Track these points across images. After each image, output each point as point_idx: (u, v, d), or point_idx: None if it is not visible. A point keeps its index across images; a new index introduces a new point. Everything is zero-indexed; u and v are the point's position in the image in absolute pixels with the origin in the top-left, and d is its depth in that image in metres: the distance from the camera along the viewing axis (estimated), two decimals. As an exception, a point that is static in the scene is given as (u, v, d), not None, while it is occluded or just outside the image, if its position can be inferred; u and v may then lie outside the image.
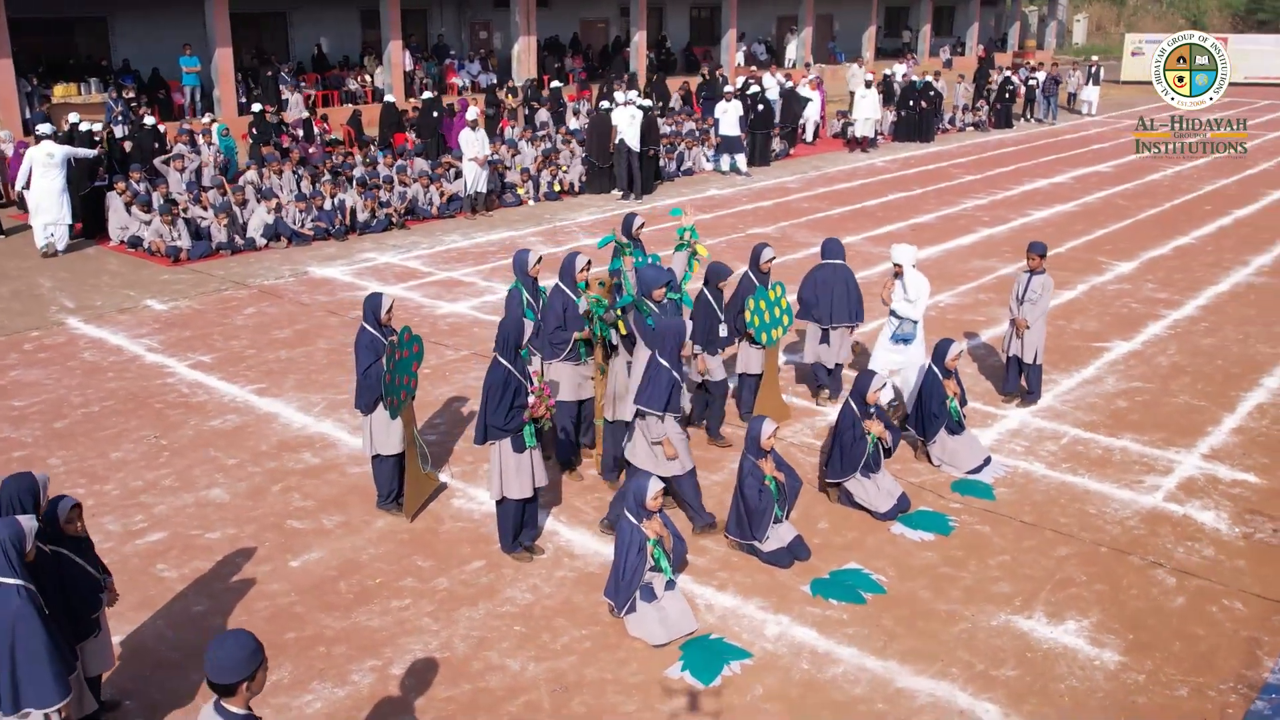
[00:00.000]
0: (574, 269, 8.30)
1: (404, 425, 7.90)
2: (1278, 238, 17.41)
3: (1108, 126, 31.16)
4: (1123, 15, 64.49)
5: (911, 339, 9.62)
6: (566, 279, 8.35)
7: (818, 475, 8.65)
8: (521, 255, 8.65)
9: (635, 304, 7.99)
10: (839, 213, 18.86)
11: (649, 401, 7.36)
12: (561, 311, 8.33)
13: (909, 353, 9.61)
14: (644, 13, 35.27)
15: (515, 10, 31.37)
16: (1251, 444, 9.64)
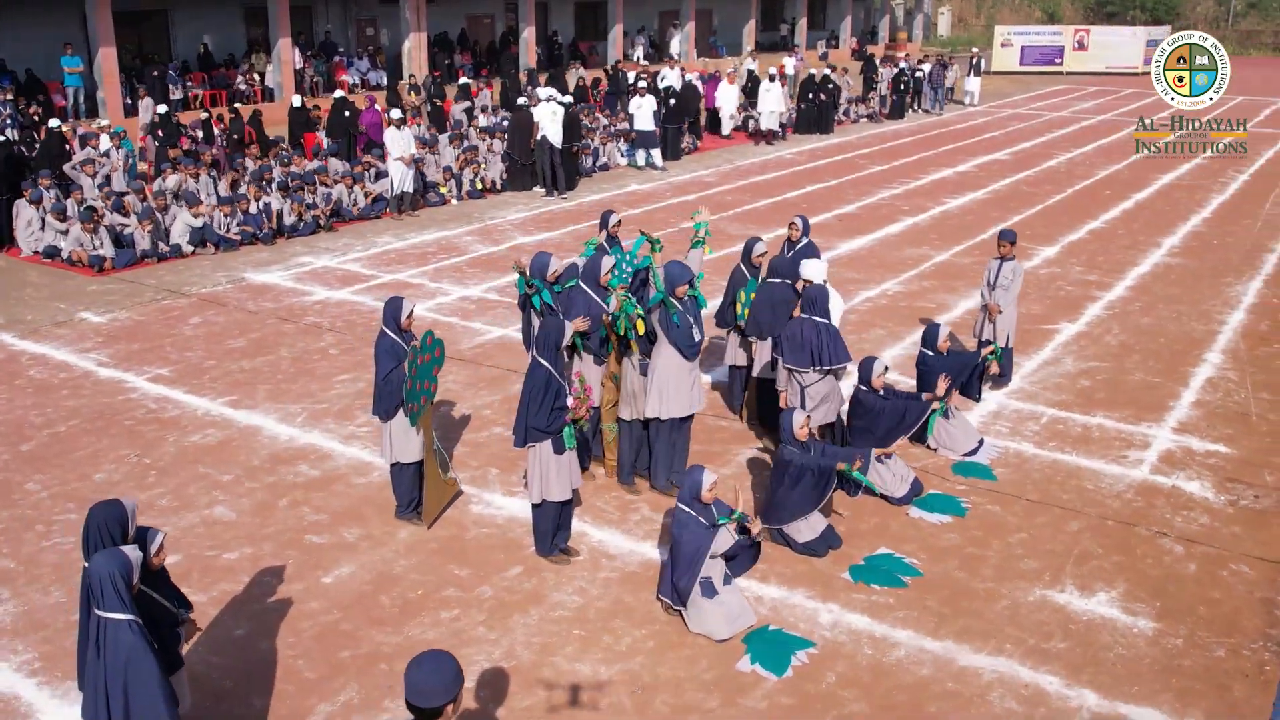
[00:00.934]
0: (599, 271, 8.24)
1: (424, 432, 7.72)
2: (1179, 220, 18.34)
3: (992, 116, 32.31)
4: (982, 8, 66.85)
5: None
6: (590, 281, 8.28)
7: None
8: (542, 259, 8.55)
9: (664, 302, 7.98)
10: (764, 205, 19.12)
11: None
12: (585, 313, 8.25)
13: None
14: (532, 8, 35.07)
15: (405, 6, 30.81)
16: (1213, 416, 10.16)
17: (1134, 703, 6.20)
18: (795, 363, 8.22)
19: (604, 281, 8.38)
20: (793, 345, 8.21)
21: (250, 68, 28.38)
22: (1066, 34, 44.30)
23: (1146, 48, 43.86)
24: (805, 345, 8.15)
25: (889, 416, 8.40)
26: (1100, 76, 43.23)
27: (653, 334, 8.13)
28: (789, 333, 8.30)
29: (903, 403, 8.43)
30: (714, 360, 10.70)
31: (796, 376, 8.32)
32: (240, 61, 29.32)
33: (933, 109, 32.08)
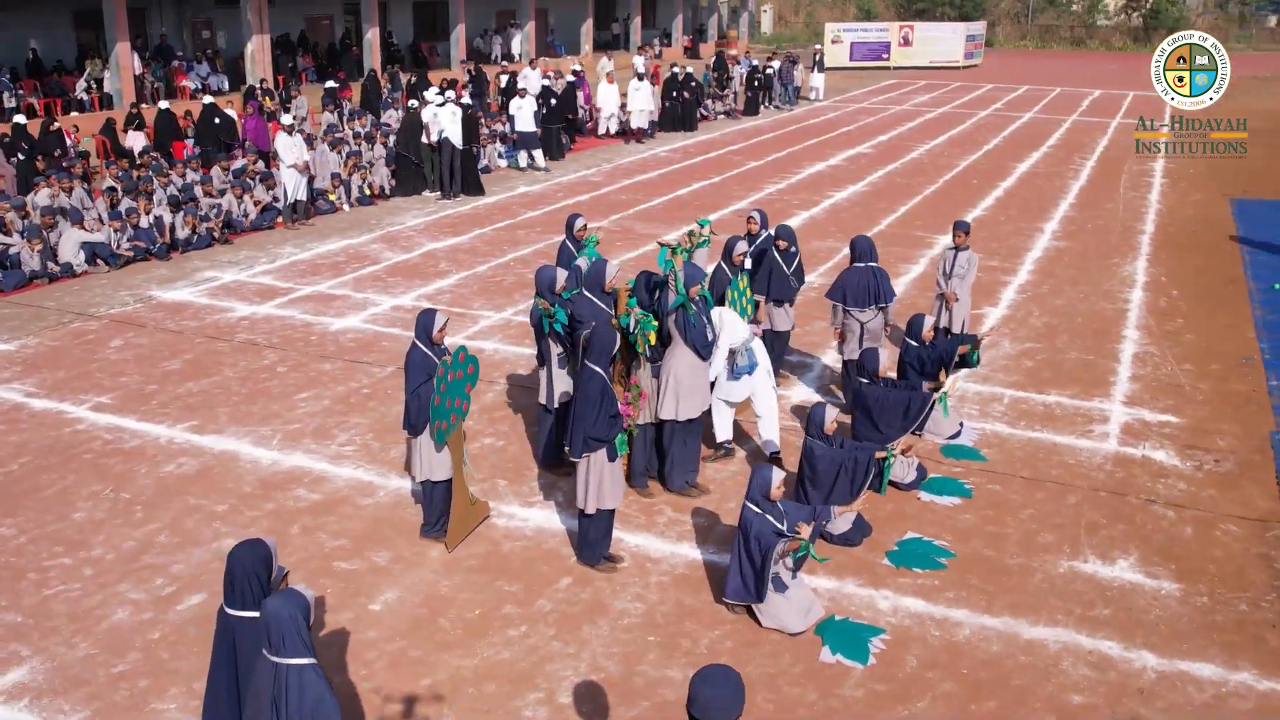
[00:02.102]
0: (604, 279, 8.17)
1: (453, 450, 7.51)
2: (1049, 205, 19.46)
3: (840, 110, 33.39)
4: (800, 6, 68.97)
5: (754, 367, 8.77)
6: (594, 288, 8.20)
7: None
8: (547, 274, 8.40)
9: (683, 304, 7.99)
10: (659, 203, 19.27)
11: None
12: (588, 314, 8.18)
13: (754, 380, 8.85)
14: (375, 8, 34.24)
15: (246, 8, 29.55)
16: (1152, 389, 10.85)
17: (1189, 659, 6.60)
18: (856, 304, 9.61)
19: (608, 288, 8.32)
20: (854, 290, 9.65)
21: (87, 73, 26.66)
22: (892, 30, 46.19)
23: (966, 42, 46.24)
24: (865, 289, 9.59)
25: (893, 408, 8.63)
26: (925, 71, 45.26)
27: (666, 338, 8.13)
28: (850, 280, 9.71)
29: (905, 394, 8.68)
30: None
31: (855, 316, 9.65)
32: (73, 68, 27.52)
33: (784, 105, 32.89)
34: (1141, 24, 60.98)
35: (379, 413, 9.95)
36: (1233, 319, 13.12)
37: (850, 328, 9.76)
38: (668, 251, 8.10)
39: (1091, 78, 44.05)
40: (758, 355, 8.85)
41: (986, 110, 33.35)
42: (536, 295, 8.43)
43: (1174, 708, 6.18)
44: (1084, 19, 63.49)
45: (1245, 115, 19.30)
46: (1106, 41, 61.70)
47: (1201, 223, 18.21)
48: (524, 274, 14.49)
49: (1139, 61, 54.85)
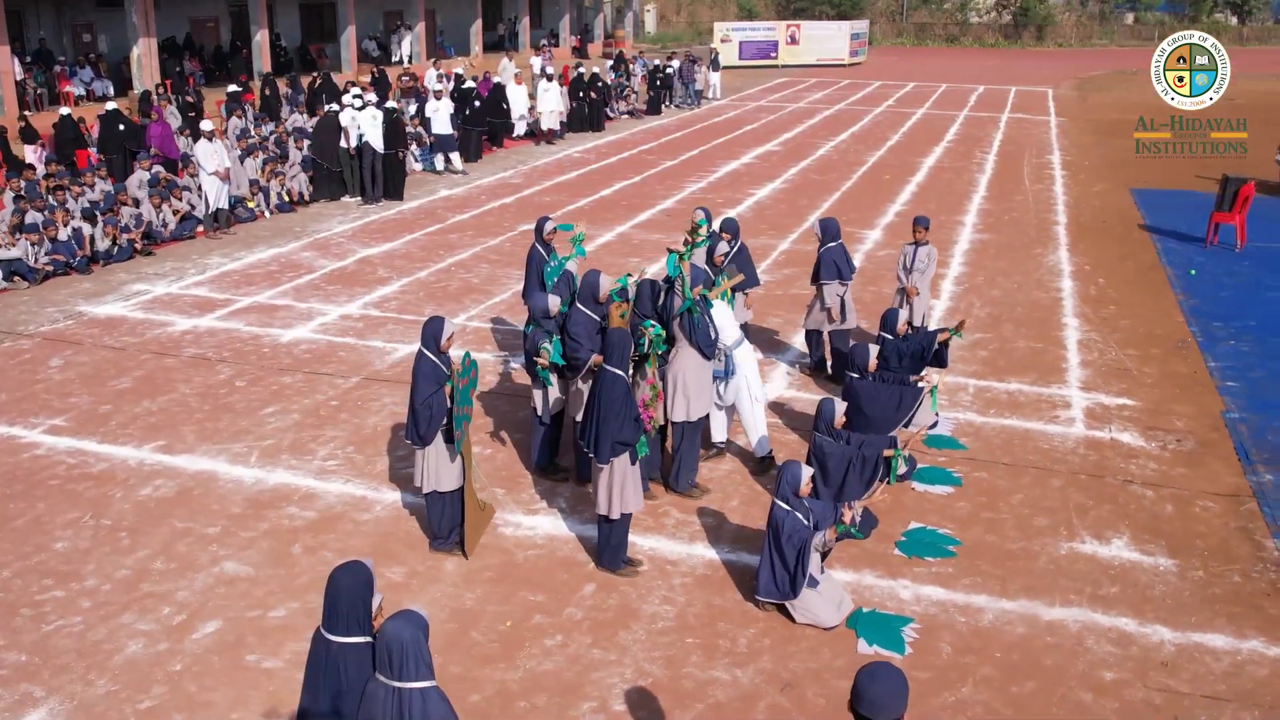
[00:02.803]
0: (598, 291, 8.12)
1: (465, 456, 7.39)
2: (964, 198, 20.04)
3: (740, 109, 33.78)
4: (682, 5, 69.50)
5: (732, 371, 8.81)
6: (588, 301, 8.15)
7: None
8: (539, 303, 8.33)
9: (690, 308, 7.99)
10: (585, 203, 19.22)
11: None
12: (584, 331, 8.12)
13: (731, 385, 8.87)
14: (264, 9, 33.29)
15: (132, 10, 28.40)
16: (1102, 374, 11.28)
17: (1200, 631, 6.89)
18: (846, 277, 10.54)
19: (602, 299, 8.28)
20: (845, 266, 10.58)
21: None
22: (780, 29, 46.92)
23: (851, 40, 47.26)
24: (846, 263, 10.56)
25: (885, 402, 8.78)
26: (812, 69, 46.09)
27: (671, 340, 8.13)
28: (839, 257, 10.55)
29: (897, 389, 8.83)
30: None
31: (838, 289, 10.50)
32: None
33: (684, 104, 33.11)
34: (1012, 21, 63.15)
35: (353, 425, 9.70)
36: (1160, 304, 13.71)
37: (829, 301, 10.38)
38: (676, 258, 8.07)
39: (972, 74, 45.47)
40: (737, 360, 8.88)
41: (880, 107, 34.13)
42: (530, 323, 8.33)
43: (1198, 678, 6.43)
44: (956, 17, 65.45)
45: (1127, 109, 20.11)
46: (980, 38, 63.76)
47: (1109, 213, 18.97)
48: (469, 279, 14.31)
49: (1014, 57, 57.00)
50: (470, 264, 15.05)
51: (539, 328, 8.35)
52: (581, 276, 8.41)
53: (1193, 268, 15.31)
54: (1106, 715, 6.10)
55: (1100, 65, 51.45)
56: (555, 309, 8.32)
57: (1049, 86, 40.70)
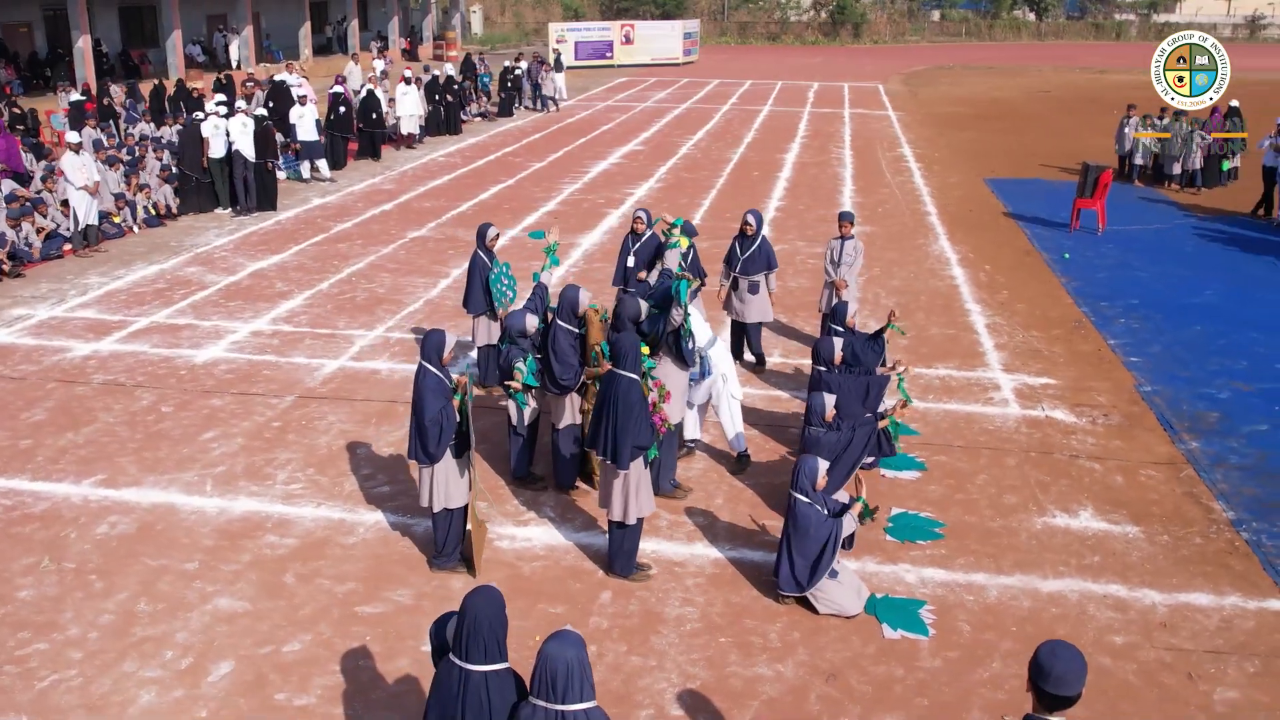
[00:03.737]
0: (578, 306, 8.06)
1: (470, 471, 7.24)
2: (834, 193, 20.71)
3: (590, 109, 33.88)
4: (507, 6, 69.16)
5: (708, 371, 8.90)
6: (569, 318, 8.07)
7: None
8: (516, 320, 8.20)
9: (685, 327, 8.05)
10: (466, 208, 18.94)
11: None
12: (569, 349, 8.05)
13: (704, 384, 8.94)
14: (84, 12, 31.43)
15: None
16: (1018, 356, 11.86)
17: (1184, 591, 7.36)
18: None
19: (581, 313, 8.22)
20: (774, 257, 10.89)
21: None
22: (614, 29, 47.22)
23: (684, 40, 47.99)
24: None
25: (853, 392, 9.00)
26: (648, 68, 46.61)
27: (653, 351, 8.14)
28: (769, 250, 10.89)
29: (863, 379, 9.07)
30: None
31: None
32: None
33: (534, 106, 32.98)
34: (829, 19, 65.40)
35: (304, 446, 9.33)
36: (1045, 287, 14.49)
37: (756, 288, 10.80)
38: (686, 285, 8.05)
39: (802, 71, 46.91)
40: (713, 360, 8.96)
41: (726, 105, 34.80)
42: (506, 340, 8.19)
43: (1197, 634, 6.87)
44: (776, 15, 67.30)
45: (956, 103, 21.18)
46: (800, 36, 65.76)
47: (972, 202, 19.90)
48: (374, 289, 13.92)
49: (836, 54, 59.07)
50: (369, 274, 14.63)
51: (514, 345, 8.19)
52: (560, 291, 8.30)
53: (1066, 252, 16.19)
54: (1128, 677, 6.44)
55: (918, 61, 53.88)
56: (533, 327, 8.18)
57: (877, 82, 42.37)
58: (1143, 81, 43.65)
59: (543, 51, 39.08)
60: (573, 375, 8.02)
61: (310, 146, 20.46)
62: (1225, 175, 21.31)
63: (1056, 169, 23.78)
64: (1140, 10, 74.73)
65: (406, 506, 8.28)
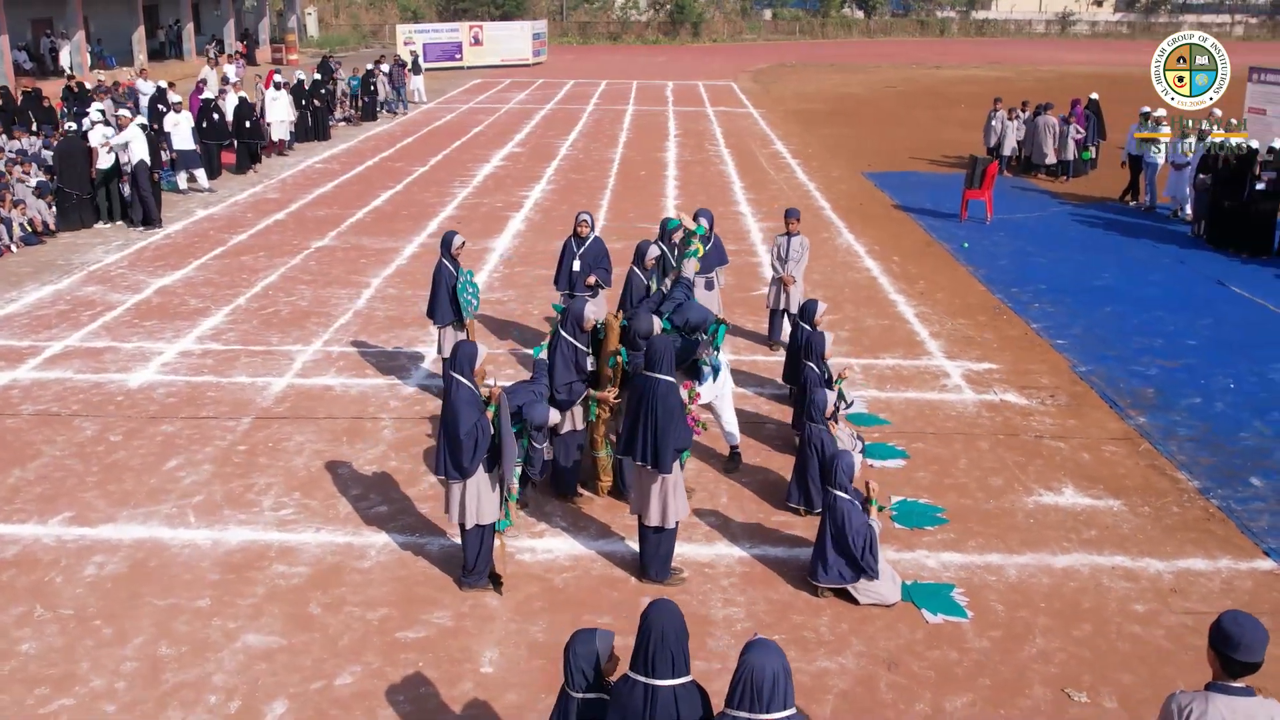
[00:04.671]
0: (583, 320, 7.98)
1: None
2: (726, 190, 21.01)
3: (453, 111, 33.38)
4: (340, 8, 67.40)
5: (718, 367, 8.90)
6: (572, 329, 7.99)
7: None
8: (579, 305, 8.06)
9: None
10: (363, 216, 18.45)
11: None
12: (573, 363, 7.97)
13: (719, 380, 8.94)
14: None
15: None
16: (956, 343, 12.32)
17: (1180, 558, 7.81)
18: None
19: (587, 328, 8.15)
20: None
21: None
22: (463, 30, 46.63)
23: (534, 40, 47.78)
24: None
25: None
26: (498, 69, 46.24)
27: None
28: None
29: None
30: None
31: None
32: None
33: (397, 109, 32.31)
34: (669, 19, 66.18)
35: (281, 469, 8.94)
36: (956, 276, 15.07)
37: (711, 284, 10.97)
38: (725, 330, 8.09)
39: (650, 70, 47.42)
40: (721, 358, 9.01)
41: (589, 105, 34.84)
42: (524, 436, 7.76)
43: (1207, 596, 7.30)
44: (617, 15, 67.69)
45: (809, 99, 21.82)
46: (641, 36, 66.29)
47: (861, 196, 20.51)
48: (295, 303, 13.42)
49: (679, 53, 59.85)
50: (285, 287, 14.09)
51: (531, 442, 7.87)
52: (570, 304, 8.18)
53: (965, 242, 16.86)
54: (1160, 642, 6.78)
55: (760, 59, 55.09)
56: (554, 421, 7.89)
57: (729, 80, 43.14)
58: (975, 76, 45.82)
59: (390, 54, 38.16)
60: (567, 392, 7.89)
61: (187, 156, 19.53)
62: (1087, 164, 22.52)
63: (926, 161, 24.71)
64: (959, 8, 78.16)
65: (411, 526, 8.03)
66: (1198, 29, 74.40)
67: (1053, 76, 44.97)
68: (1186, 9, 76.99)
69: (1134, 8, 78.94)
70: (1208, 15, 73.91)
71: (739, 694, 3.97)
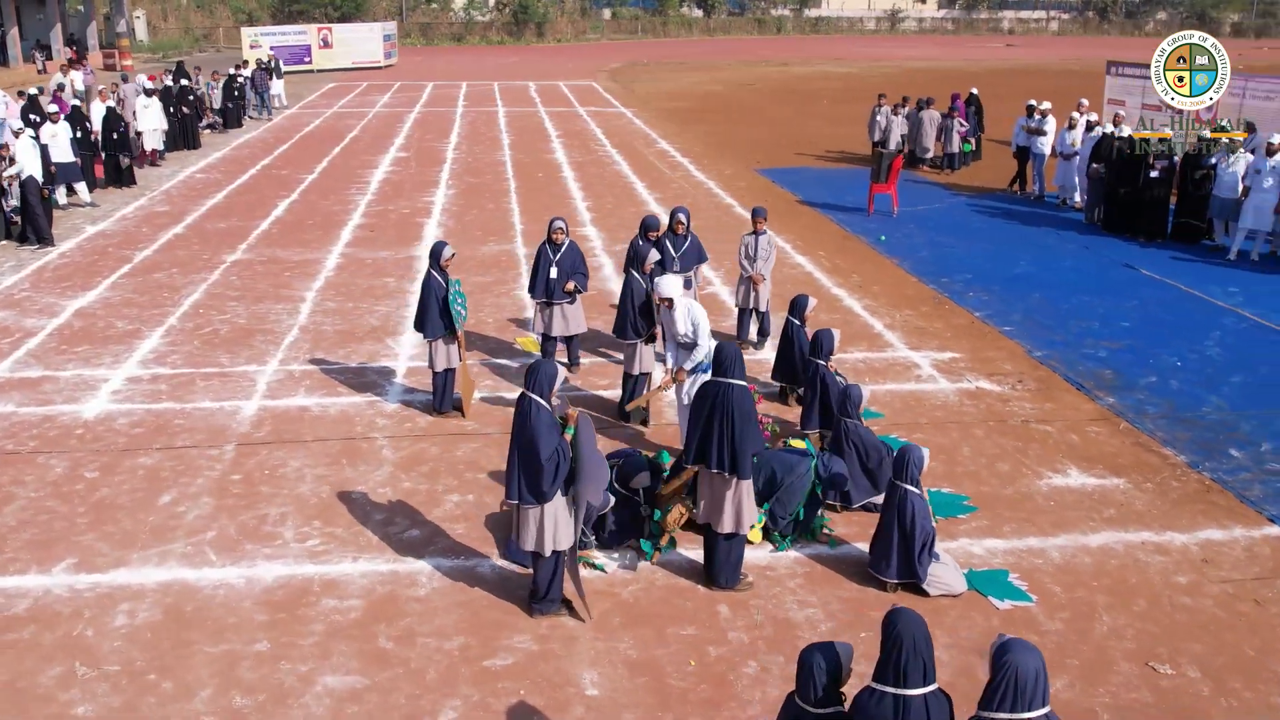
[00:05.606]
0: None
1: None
2: (631, 190, 20.96)
3: (319, 115, 32.33)
4: (169, 11, 64.39)
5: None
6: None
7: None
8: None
9: None
10: (269, 227, 17.70)
11: None
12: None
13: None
14: None
15: None
16: (912, 334, 12.65)
17: (1197, 530, 8.21)
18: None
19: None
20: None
21: None
22: (311, 33, 45.20)
23: (384, 42, 46.73)
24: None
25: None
26: (350, 72, 45.05)
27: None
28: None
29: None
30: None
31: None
32: None
33: (261, 115, 31.11)
34: (513, 19, 65.72)
35: (289, 498, 8.50)
36: (885, 268, 15.50)
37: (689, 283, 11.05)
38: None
39: (505, 71, 47.11)
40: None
41: (457, 108, 34.31)
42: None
43: (1236, 565, 7.70)
44: (460, 16, 66.81)
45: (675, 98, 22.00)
46: (485, 36, 65.61)
47: (762, 192, 20.81)
48: (234, 321, 12.79)
49: (528, 53, 59.54)
50: (213, 304, 13.40)
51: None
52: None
53: (882, 235, 17.31)
54: (1214, 611, 7.12)
55: (611, 58, 55.32)
56: (608, 505, 7.63)
57: (586, 80, 43.16)
58: (824, 73, 47.15)
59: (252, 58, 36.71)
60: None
61: (66, 169, 18.27)
62: (969, 157, 23.42)
63: (813, 157, 25.28)
64: (792, 6, 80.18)
65: (452, 549, 7.75)
66: (1016, 24, 78.66)
67: (897, 72, 46.67)
68: (1005, 5, 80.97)
69: (955, 4, 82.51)
70: (1025, 11, 77.96)
71: (1001, 695, 3.96)
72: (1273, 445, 9.64)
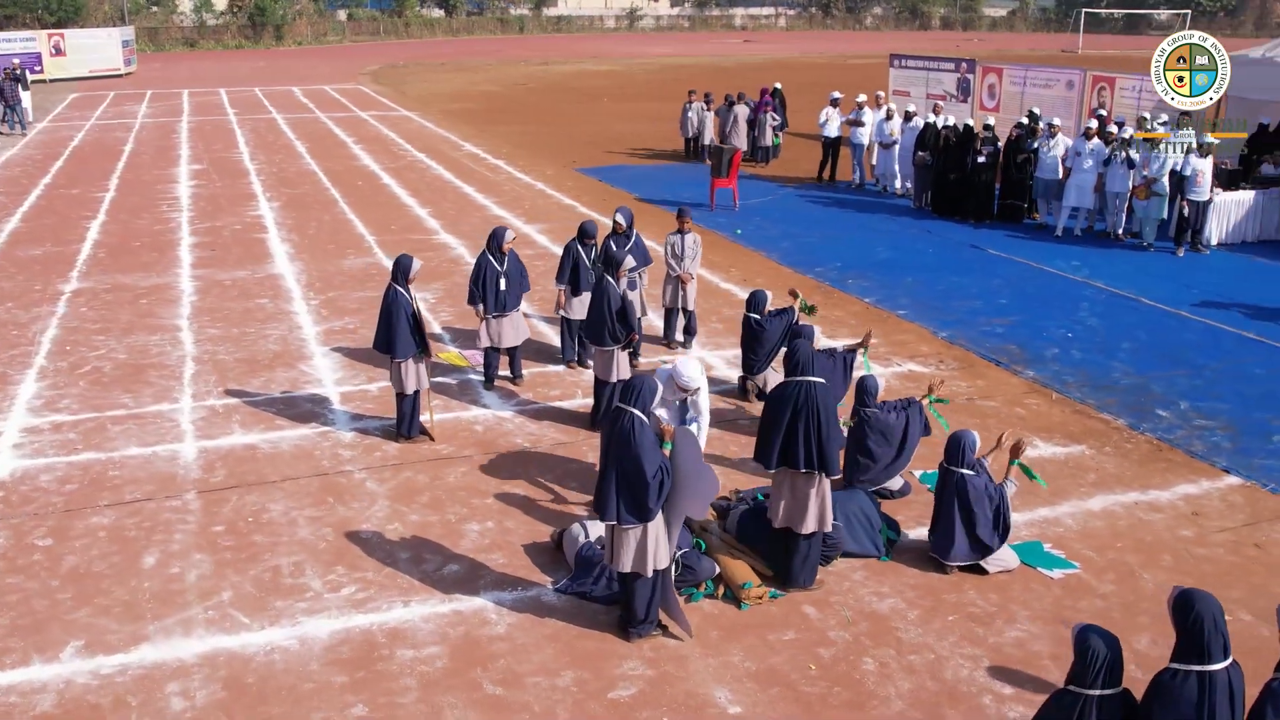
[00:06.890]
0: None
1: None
2: (451, 192, 20.51)
3: (77, 128, 29.81)
4: None
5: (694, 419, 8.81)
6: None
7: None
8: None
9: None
10: (92, 253, 16.12)
11: None
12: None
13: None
14: None
15: None
16: (818, 321, 12.97)
17: (1175, 486, 8.87)
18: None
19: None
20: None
21: None
22: (42, 39, 41.37)
23: (124, 49, 43.47)
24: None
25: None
26: (88, 81, 41.71)
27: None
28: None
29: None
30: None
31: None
32: None
33: (14, 130, 28.28)
34: (250, 22, 62.57)
35: (292, 545, 7.84)
36: (753, 261, 15.92)
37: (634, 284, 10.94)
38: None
39: (257, 75, 45.07)
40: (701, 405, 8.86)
41: (229, 115, 32.51)
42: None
43: (1222, 514, 8.39)
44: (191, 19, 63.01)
45: (452, 99, 21.76)
46: (220, 40, 62.16)
47: (600, 192, 20.88)
48: (114, 356, 11.64)
49: (276, 57, 56.83)
50: (76, 340, 12.12)
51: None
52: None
53: (739, 229, 17.68)
54: (1226, 558, 7.74)
55: (362, 60, 53.79)
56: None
57: (348, 83, 41.77)
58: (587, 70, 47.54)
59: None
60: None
61: None
62: (778, 149, 24.29)
63: (624, 155, 25.49)
64: (529, 5, 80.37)
65: (502, 580, 7.37)
66: (747, 21, 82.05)
67: (658, 68, 47.71)
68: (735, 2, 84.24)
69: (687, 2, 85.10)
70: (754, 8, 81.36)
71: (1186, 645, 4.13)
72: (1190, 402, 10.51)
